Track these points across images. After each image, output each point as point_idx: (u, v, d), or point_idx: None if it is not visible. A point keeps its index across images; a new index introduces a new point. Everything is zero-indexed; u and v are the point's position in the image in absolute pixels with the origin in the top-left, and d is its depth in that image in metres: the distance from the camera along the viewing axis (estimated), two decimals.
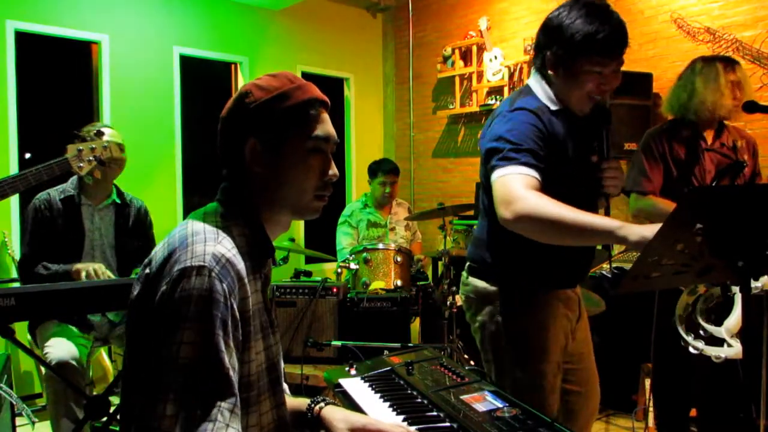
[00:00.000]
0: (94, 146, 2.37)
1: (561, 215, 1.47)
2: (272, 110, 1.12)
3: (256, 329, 1.09)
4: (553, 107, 1.72)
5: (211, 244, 1.03)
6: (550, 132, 1.68)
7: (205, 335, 0.95)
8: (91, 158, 2.36)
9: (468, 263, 1.93)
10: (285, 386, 1.30)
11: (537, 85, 1.77)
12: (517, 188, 1.54)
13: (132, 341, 1.06)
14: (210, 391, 0.95)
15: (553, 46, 1.68)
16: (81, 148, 2.34)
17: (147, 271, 1.06)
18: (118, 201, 2.79)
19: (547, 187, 1.62)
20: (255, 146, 1.12)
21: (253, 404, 1.08)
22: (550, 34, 1.69)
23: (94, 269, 2.50)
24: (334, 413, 1.28)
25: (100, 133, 2.41)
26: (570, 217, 1.47)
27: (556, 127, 1.70)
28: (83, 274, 2.48)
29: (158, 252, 1.07)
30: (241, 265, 1.05)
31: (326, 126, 1.16)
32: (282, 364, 1.23)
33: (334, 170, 1.18)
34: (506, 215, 1.54)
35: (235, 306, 1.01)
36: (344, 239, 4.26)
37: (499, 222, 1.59)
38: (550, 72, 1.71)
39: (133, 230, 2.82)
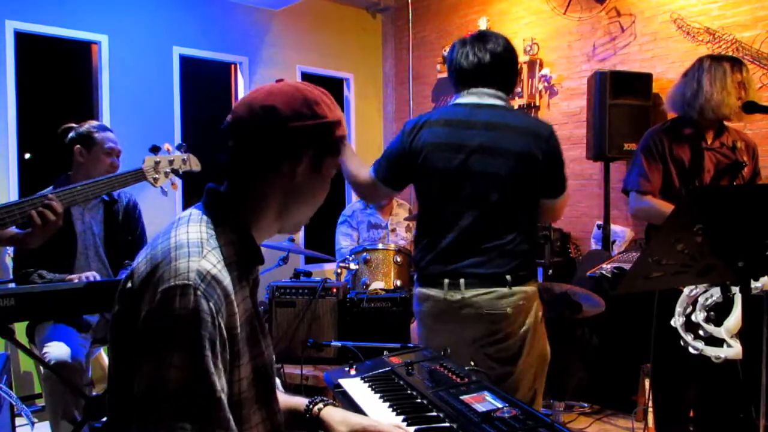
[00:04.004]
0: (172, 159, 2.33)
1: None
2: (330, 132, 1.15)
3: (244, 342, 1.07)
4: None
5: (195, 259, 1.00)
6: None
7: (194, 358, 0.93)
8: (168, 170, 2.32)
9: (507, 275, 1.97)
10: (278, 383, 1.29)
11: None
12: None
13: (117, 362, 1.04)
14: (204, 416, 0.93)
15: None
16: (158, 160, 2.31)
17: (129, 285, 1.04)
18: (106, 198, 2.76)
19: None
20: (307, 158, 1.13)
21: (244, 422, 1.07)
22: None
23: (87, 278, 2.47)
24: (333, 414, 1.27)
25: (181, 146, 2.39)
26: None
27: None
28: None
29: (140, 265, 1.04)
30: (227, 280, 1.02)
31: None
32: (274, 370, 1.20)
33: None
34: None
35: (222, 325, 0.98)
36: (343, 239, 4.24)
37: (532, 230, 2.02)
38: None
39: (123, 226, 2.80)
